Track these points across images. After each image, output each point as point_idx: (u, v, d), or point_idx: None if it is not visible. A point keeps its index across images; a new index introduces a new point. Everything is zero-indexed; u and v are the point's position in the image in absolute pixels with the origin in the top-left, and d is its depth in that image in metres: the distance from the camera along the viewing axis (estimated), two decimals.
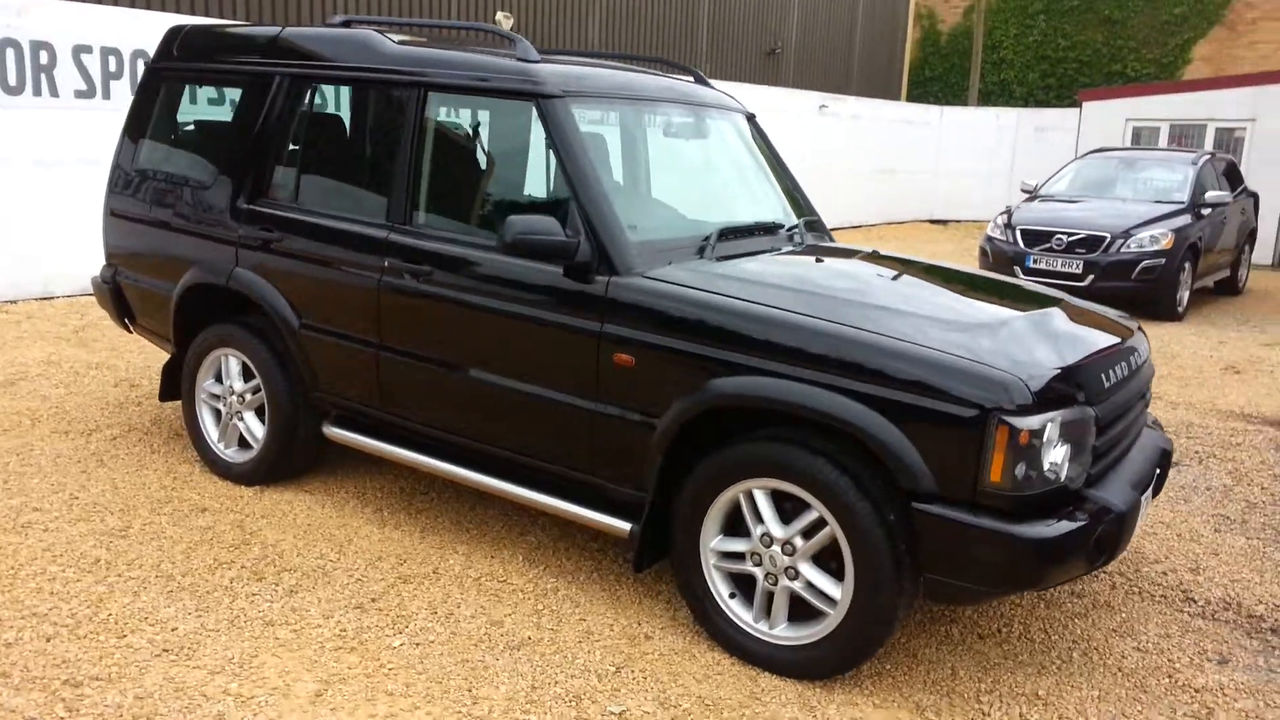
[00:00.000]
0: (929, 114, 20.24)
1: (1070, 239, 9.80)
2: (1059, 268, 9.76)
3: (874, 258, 3.92)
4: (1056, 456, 2.77)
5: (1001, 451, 2.67)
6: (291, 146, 4.20)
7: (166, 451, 4.73)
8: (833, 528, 2.91)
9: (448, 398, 3.69)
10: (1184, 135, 15.42)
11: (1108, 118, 15.88)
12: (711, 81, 4.55)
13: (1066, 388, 2.86)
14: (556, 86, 3.53)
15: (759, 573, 3.08)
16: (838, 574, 2.97)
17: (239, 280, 4.20)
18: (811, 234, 4.14)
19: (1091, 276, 9.60)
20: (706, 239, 3.57)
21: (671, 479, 3.25)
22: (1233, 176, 11.80)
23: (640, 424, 3.22)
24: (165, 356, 5.90)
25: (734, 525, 3.16)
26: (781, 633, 3.07)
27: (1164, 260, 9.56)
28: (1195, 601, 3.73)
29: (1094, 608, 3.63)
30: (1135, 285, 9.55)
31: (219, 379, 4.45)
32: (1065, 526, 2.74)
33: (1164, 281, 9.63)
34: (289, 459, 4.28)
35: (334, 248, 3.92)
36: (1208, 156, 11.27)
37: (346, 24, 4.18)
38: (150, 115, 4.63)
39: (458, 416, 3.70)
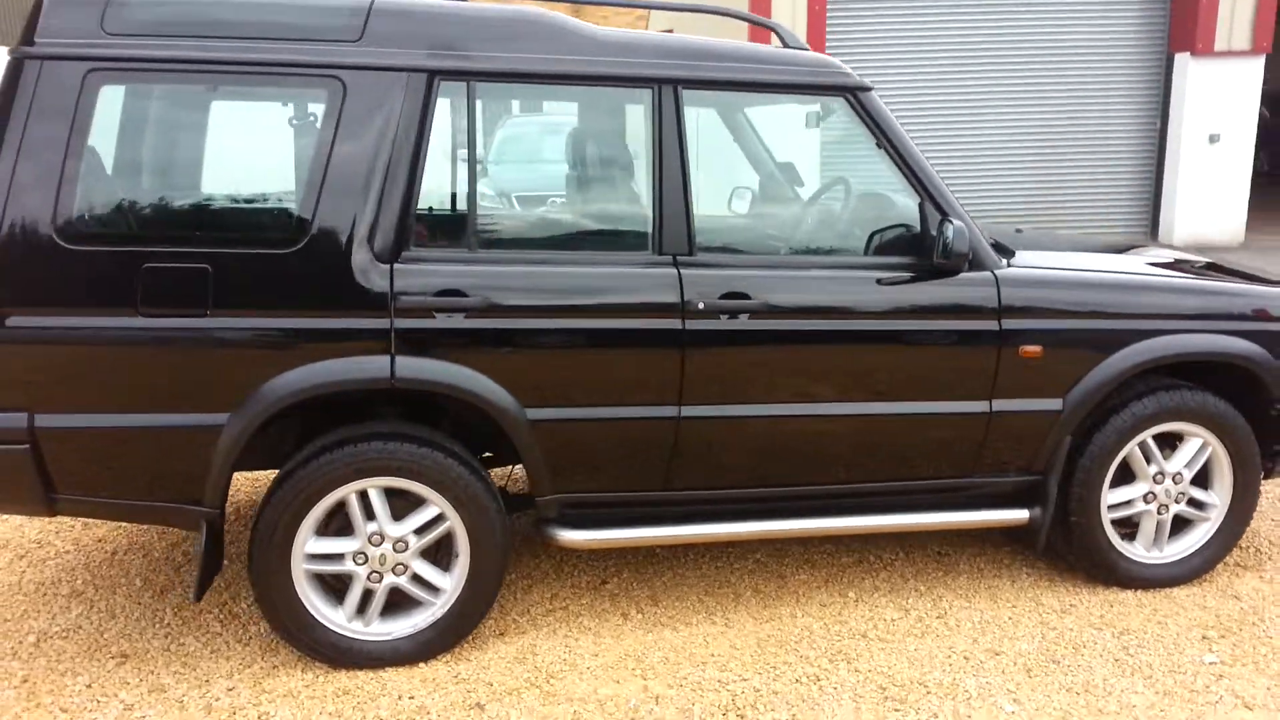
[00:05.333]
0: None
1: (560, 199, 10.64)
2: None
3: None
4: None
5: None
6: (448, 174, 2.94)
7: (211, 677, 2.94)
8: (1216, 451, 3.46)
9: (787, 447, 3.16)
10: None
11: None
12: None
13: None
14: (860, 77, 3.22)
15: (1153, 509, 3.48)
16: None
17: (416, 373, 2.84)
18: None
19: None
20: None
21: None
22: None
23: (1041, 411, 3.28)
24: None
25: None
26: (1168, 552, 3.52)
27: None
28: None
29: None
30: None
31: (324, 532, 2.94)
32: None
33: None
34: (490, 601, 3.09)
35: (585, 302, 2.95)
36: None
37: None
38: (78, 144, 2.66)
39: (800, 464, 3.19)
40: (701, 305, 3.00)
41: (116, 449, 2.77)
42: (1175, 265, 3.75)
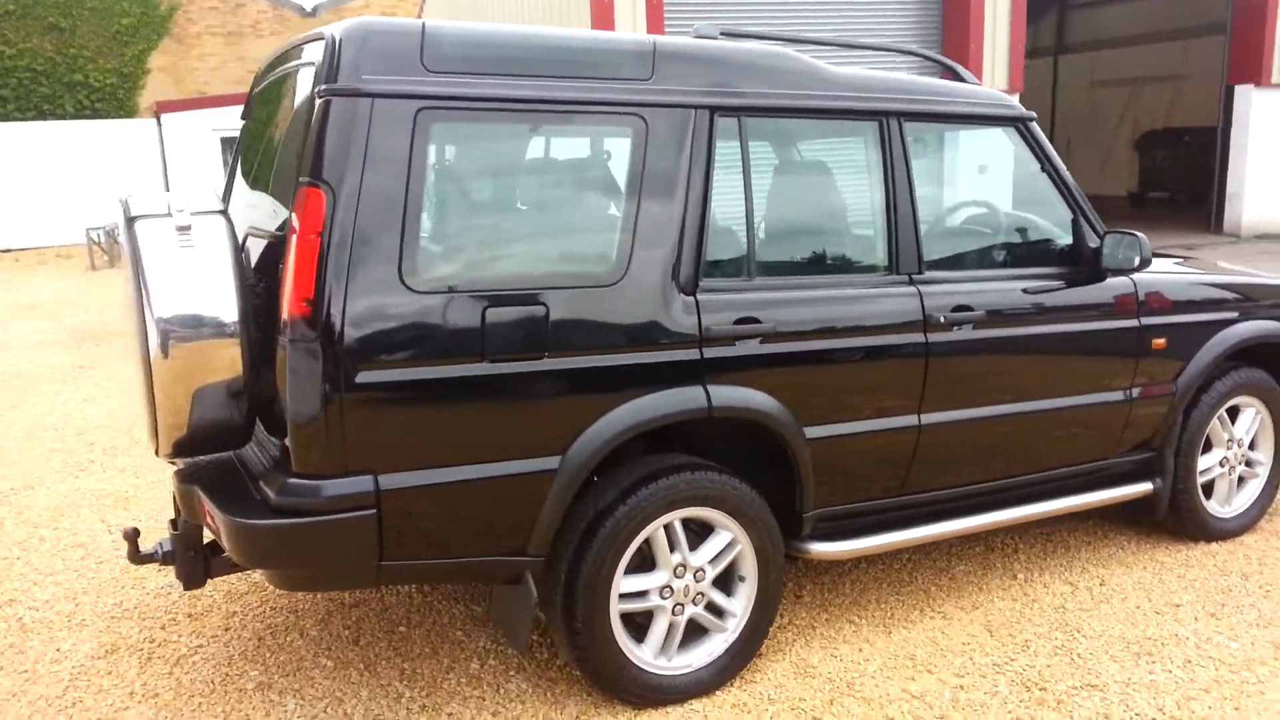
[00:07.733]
0: None
1: None
2: None
3: None
4: None
5: None
6: (725, 204, 3.00)
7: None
8: (1264, 418, 4.17)
9: (997, 444, 3.48)
10: None
11: (193, 129, 15.63)
12: None
13: None
14: (1026, 109, 3.62)
15: (1226, 470, 4.12)
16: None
17: (729, 401, 2.89)
18: None
19: None
20: None
21: None
22: None
23: (1163, 395, 3.82)
24: None
25: None
26: (1234, 507, 4.18)
27: None
28: None
29: None
30: None
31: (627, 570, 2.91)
32: None
33: None
34: (772, 621, 3.16)
35: (851, 322, 3.13)
36: None
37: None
38: (417, 186, 2.50)
39: (1005, 459, 3.52)
40: (942, 319, 3.26)
41: (452, 505, 2.62)
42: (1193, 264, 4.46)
